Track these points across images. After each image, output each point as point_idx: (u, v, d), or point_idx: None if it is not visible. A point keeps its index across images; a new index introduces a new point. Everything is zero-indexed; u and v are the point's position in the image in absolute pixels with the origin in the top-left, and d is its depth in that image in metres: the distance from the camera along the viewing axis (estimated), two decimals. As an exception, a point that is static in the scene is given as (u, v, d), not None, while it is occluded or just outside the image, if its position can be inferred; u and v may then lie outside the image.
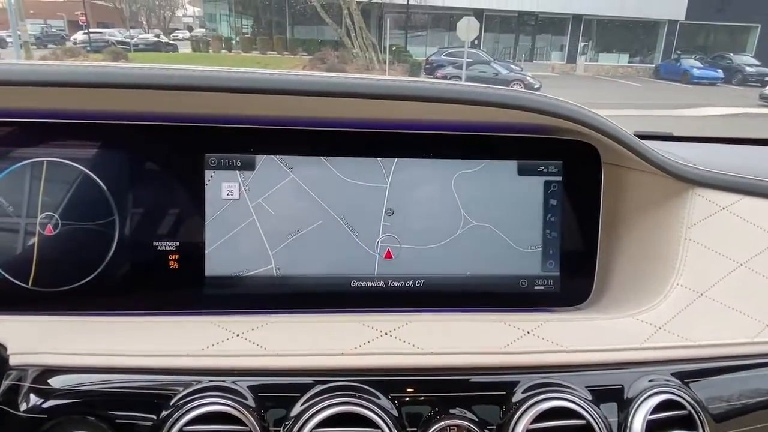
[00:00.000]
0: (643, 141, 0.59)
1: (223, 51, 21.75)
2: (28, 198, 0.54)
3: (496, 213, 0.60)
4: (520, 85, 14.38)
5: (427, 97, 0.50)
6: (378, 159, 0.59)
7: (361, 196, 0.59)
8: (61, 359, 0.48)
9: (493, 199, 0.60)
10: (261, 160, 0.57)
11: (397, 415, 0.47)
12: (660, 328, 0.54)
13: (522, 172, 0.61)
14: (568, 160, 0.61)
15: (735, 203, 0.61)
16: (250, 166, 0.57)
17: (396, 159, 0.59)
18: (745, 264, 0.58)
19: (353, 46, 15.32)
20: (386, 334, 0.51)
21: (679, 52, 22.24)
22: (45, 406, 0.46)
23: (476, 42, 18.89)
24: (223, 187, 0.57)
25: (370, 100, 0.50)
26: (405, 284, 0.60)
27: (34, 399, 0.46)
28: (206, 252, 0.57)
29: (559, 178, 0.61)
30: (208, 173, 0.57)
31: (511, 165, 0.61)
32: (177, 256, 0.56)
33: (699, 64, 19.56)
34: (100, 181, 0.55)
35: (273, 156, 0.57)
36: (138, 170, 0.56)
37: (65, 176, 0.54)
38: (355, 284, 0.59)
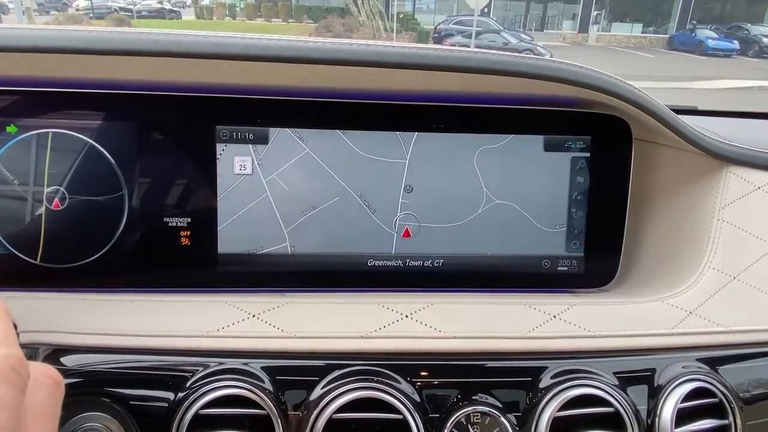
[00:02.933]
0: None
1: (227, 18, 21.35)
2: (34, 171, 0.52)
3: (519, 190, 0.58)
4: (530, 54, 14.10)
5: (452, 67, 0.47)
6: (397, 133, 0.56)
7: (378, 171, 0.56)
8: (73, 338, 0.46)
9: (517, 176, 0.58)
10: (275, 133, 0.55)
11: (418, 400, 0.46)
12: (691, 312, 0.52)
13: (548, 147, 0.58)
14: (596, 136, 0.58)
15: None
16: (263, 140, 0.55)
17: (416, 133, 0.56)
18: None
19: (359, 13, 14.98)
20: (407, 316, 0.49)
21: (694, 22, 21.61)
22: None
23: (486, 10, 18.42)
24: (236, 162, 0.55)
25: (391, 69, 0.47)
26: (423, 264, 0.58)
27: None
28: (219, 229, 0.55)
29: (587, 155, 0.58)
30: (219, 147, 0.54)
31: (537, 140, 0.58)
32: (189, 233, 0.55)
33: (714, 35, 18.99)
34: (107, 154, 0.53)
35: (287, 129, 0.55)
36: (147, 143, 0.53)
37: (72, 148, 0.52)
38: (372, 263, 0.58)
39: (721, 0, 23.69)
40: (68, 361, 0.46)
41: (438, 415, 0.46)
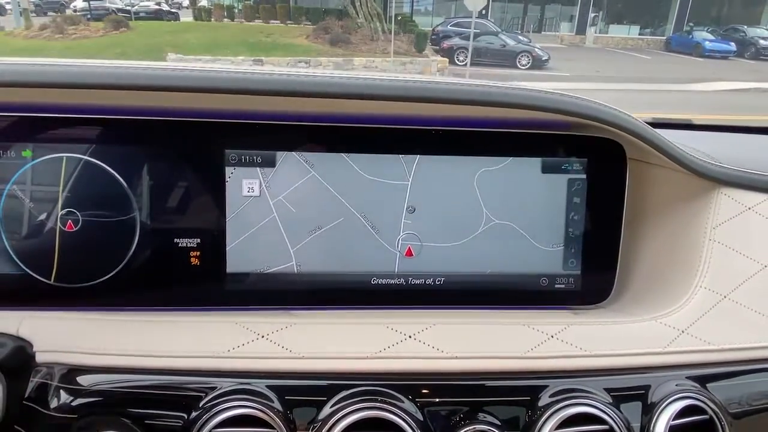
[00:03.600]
0: (662, 131, 0.58)
1: (225, 20, 21.33)
2: (48, 194, 0.54)
3: (518, 211, 0.60)
4: (528, 56, 14.13)
5: (445, 99, 0.49)
6: (400, 156, 0.58)
7: (382, 193, 0.58)
8: (88, 359, 0.48)
9: (516, 197, 0.60)
10: (282, 156, 0.57)
11: (421, 419, 0.47)
12: (683, 331, 0.53)
13: (546, 169, 0.60)
14: (592, 158, 0.60)
15: (761, 203, 0.60)
16: (270, 163, 0.57)
17: (418, 156, 0.58)
18: None
19: (358, 15, 14.98)
20: (410, 337, 0.51)
21: (691, 24, 21.70)
22: (74, 404, 0.46)
23: (484, 12, 18.44)
24: (244, 184, 0.56)
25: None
26: (425, 282, 0.60)
27: (63, 397, 0.47)
28: (227, 249, 0.57)
29: (584, 176, 0.60)
30: (228, 170, 0.56)
31: (535, 162, 0.60)
32: (198, 253, 0.56)
33: (711, 37, 19.07)
34: (120, 178, 0.54)
35: (293, 152, 0.57)
36: (158, 166, 0.55)
37: (85, 172, 0.54)
38: (376, 282, 0.59)
39: (717, 2, 23.77)
40: (84, 380, 0.47)
41: None
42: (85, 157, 0.54)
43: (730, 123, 1.12)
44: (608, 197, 0.61)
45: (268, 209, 0.57)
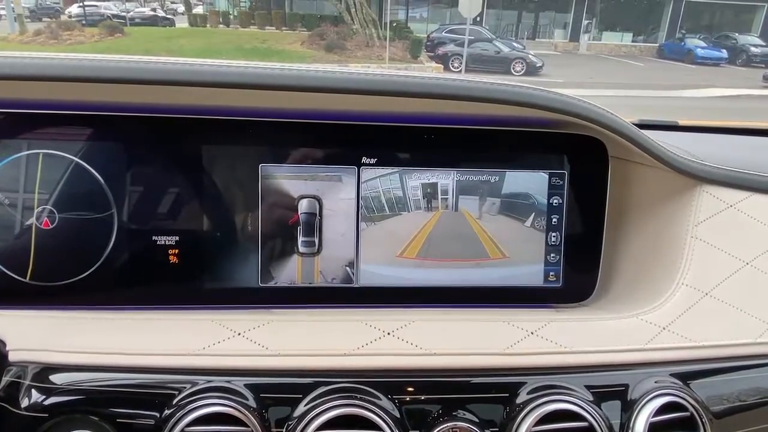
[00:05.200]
0: (648, 132, 0.57)
1: (221, 26, 21.34)
2: (24, 191, 0.53)
3: (499, 209, 0.60)
4: (522, 63, 14.21)
5: (429, 94, 0.48)
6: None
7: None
8: (62, 357, 0.47)
9: (497, 195, 0.59)
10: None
11: (398, 416, 0.47)
12: (664, 328, 0.53)
13: (526, 167, 0.60)
14: (573, 155, 0.60)
15: (743, 200, 0.60)
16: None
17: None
18: (750, 263, 0.58)
19: (353, 21, 15.04)
20: (389, 334, 0.50)
21: (683, 31, 21.92)
22: (46, 403, 0.45)
23: (478, 19, 18.57)
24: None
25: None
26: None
27: (35, 396, 0.46)
28: (206, 247, 0.56)
29: (565, 173, 0.60)
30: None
31: (515, 160, 0.59)
32: (177, 251, 0.56)
33: (703, 44, 19.30)
34: (97, 174, 0.54)
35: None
36: (135, 162, 0.54)
37: (61, 168, 0.53)
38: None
39: (709, 10, 24.02)
40: (57, 379, 0.47)
41: (418, 431, 0.47)
42: (61, 154, 0.53)
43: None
44: (590, 195, 0.61)
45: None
